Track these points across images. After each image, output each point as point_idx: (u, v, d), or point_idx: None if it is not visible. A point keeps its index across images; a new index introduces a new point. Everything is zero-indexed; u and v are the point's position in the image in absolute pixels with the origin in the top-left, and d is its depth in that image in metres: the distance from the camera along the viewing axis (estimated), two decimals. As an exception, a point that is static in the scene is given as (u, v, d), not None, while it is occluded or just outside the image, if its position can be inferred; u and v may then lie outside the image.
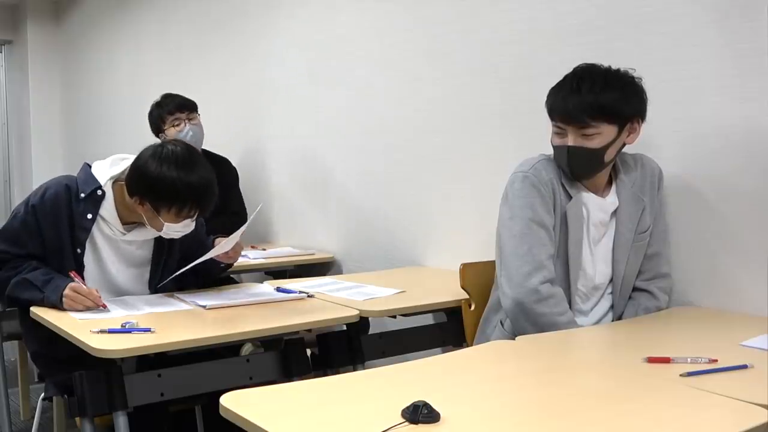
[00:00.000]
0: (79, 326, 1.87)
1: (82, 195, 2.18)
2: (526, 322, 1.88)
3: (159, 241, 2.30)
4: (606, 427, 1.24)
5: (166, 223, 2.14)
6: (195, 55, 4.64)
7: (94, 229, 2.21)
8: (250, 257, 3.23)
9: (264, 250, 3.44)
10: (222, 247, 2.26)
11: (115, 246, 2.26)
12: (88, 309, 2.03)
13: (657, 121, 2.13)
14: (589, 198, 1.99)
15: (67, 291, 2.04)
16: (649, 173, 2.05)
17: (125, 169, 2.21)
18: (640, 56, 2.17)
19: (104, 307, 2.05)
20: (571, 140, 1.90)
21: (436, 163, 2.93)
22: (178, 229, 2.16)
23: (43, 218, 2.16)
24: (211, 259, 2.29)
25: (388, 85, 3.13)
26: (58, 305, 2.04)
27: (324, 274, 3.08)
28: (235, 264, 3.11)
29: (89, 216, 2.18)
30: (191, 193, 2.10)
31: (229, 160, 3.70)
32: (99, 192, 2.19)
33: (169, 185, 2.08)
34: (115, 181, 2.23)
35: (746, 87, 1.97)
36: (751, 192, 1.98)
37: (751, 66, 1.95)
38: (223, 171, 3.61)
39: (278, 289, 2.36)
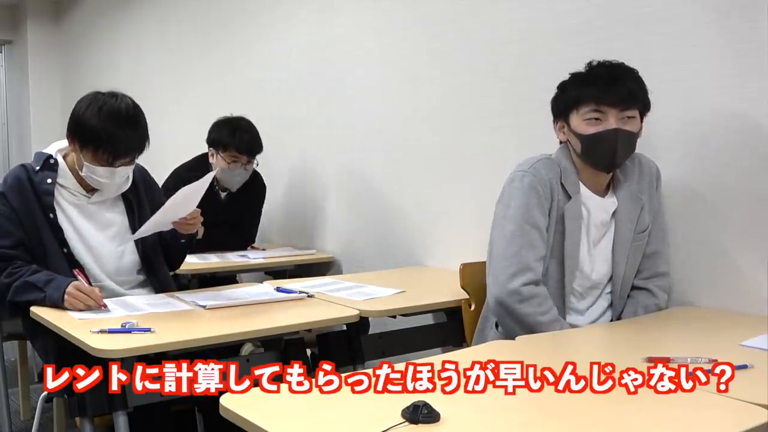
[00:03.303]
0: (79, 326, 1.87)
1: (37, 168, 2.29)
2: (510, 321, 1.91)
3: (128, 202, 2.38)
4: (606, 427, 1.24)
5: (86, 164, 2.22)
6: (195, 54, 4.64)
7: (59, 196, 2.29)
8: (250, 257, 3.23)
9: (264, 250, 3.44)
10: (176, 204, 2.15)
11: (85, 212, 2.32)
12: (88, 308, 2.04)
13: (657, 121, 2.13)
14: (589, 198, 2.00)
15: (69, 289, 2.05)
16: (647, 172, 2.05)
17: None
18: (640, 56, 2.17)
19: (104, 306, 2.06)
20: (613, 124, 1.89)
21: (435, 163, 2.93)
22: (100, 173, 2.22)
23: (13, 200, 2.24)
24: (172, 230, 2.29)
25: (387, 84, 3.14)
26: (59, 304, 2.05)
27: (324, 274, 3.08)
28: (234, 263, 3.14)
29: (48, 180, 2.27)
30: (106, 138, 2.17)
31: (261, 175, 3.55)
32: (51, 161, 2.30)
33: (88, 127, 2.18)
34: (66, 155, 2.33)
35: (746, 87, 1.97)
36: (751, 192, 1.97)
37: (751, 66, 1.95)
38: (256, 187, 3.53)
39: (278, 289, 2.36)
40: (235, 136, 3.29)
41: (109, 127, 2.17)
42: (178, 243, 2.44)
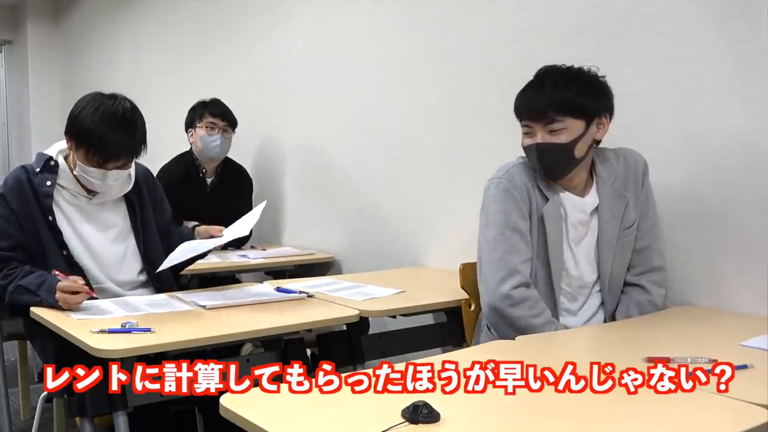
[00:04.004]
0: (79, 326, 1.87)
1: (38, 170, 2.29)
2: (504, 326, 1.92)
3: (130, 203, 2.38)
4: (606, 427, 1.24)
5: (78, 163, 2.23)
6: (195, 54, 4.64)
7: (59, 198, 2.29)
8: (250, 257, 3.23)
9: (264, 250, 3.44)
10: (219, 239, 2.34)
11: (85, 213, 2.32)
12: (82, 301, 2.04)
13: (657, 121, 2.14)
14: (566, 198, 2.00)
15: (57, 294, 2.04)
16: (633, 167, 2.03)
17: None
18: (640, 56, 2.17)
19: (93, 293, 2.07)
20: (539, 138, 1.92)
21: (434, 163, 2.93)
22: (92, 174, 2.22)
23: (12, 202, 2.24)
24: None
25: (386, 84, 3.14)
26: (56, 306, 2.05)
27: (324, 274, 3.08)
28: (234, 263, 3.15)
29: (48, 183, 2.27)
30: (97, 140, 2.17)
31: (246, 170, 3.74)
32: (52, 162, 2.29)
33: (81, 127, 2.19)
34: (66, 156, 2.33)
35: (746, 87, 1.96)
36: (751, 192, 1.97)
37: (752, 66, 1.95)
38: (239, 180, 3.67)
39: (278, 289, 2.36)
40: (208, 106, 3.57)
41: (101, 129, 2.17)
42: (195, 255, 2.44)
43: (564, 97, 1.88)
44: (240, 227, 2.33)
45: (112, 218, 2.36)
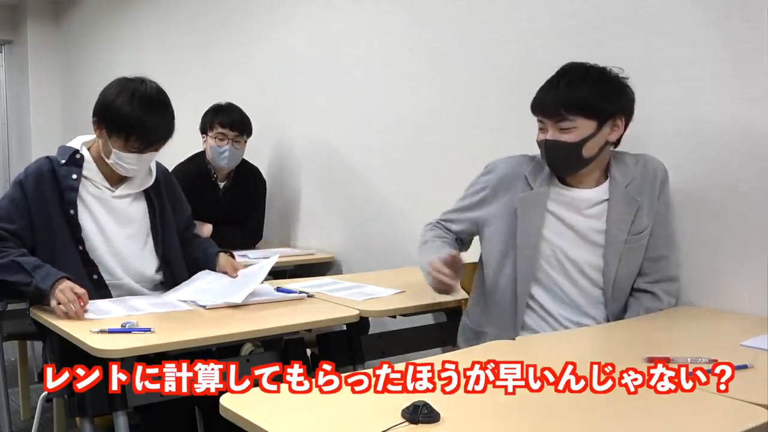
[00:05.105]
0: (79, 326, 1.87)
1: (63, 161, 2.25)
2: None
3: (149, 200, 2.36)
4: (606, 427, 1.24)
5: (114, 151, 2.20)
6: (195, 54, 4.64)
7: (83, 191, 2.26)
8: (250, 257, 3.22)
9: (264, 250, 3.44)
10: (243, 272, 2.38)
11: (108, 206, 2.29)
12: (69, 311, 1.94)
13: (657, 121, 2.14)
14: (570, 189, 2.02)
15: (63, 285, 1.97)
16: (651, 174, 2.03)
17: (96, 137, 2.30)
18: (639, 56, 2.17)
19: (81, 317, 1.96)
20: (549, 134, 1.95)
21: (434, 163, 2.93)
22: (127, 160, 2.21)
23: (29, 191, 2.20)
24: (211, 257, 2.43)
25: (387, 84, 3.14)
26: (44, 295, 1.98)
27: (324, 274, 3.08)
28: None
29: (74, 176, 2.24)
30: (138, 126, 2.17)
31: (260, 171, 3.70)
32: (77, 155, 2.27)
33: (120, 115, 2.18)
34: (90, 147, 2.31)
35: (746, 87, 1.97)
36: (751, 192, 1.97)
37: (751, 66, 1.95)
38: (254, 182, 3.66)
39: (278, 289, 2.35)
40: (219, 114, 3.51)
41: (141, 115, 2.17)
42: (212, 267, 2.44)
43: (576, 96, 1.90)
44: (253, 278, 2.28)
45: (133, 213, 2.33)
